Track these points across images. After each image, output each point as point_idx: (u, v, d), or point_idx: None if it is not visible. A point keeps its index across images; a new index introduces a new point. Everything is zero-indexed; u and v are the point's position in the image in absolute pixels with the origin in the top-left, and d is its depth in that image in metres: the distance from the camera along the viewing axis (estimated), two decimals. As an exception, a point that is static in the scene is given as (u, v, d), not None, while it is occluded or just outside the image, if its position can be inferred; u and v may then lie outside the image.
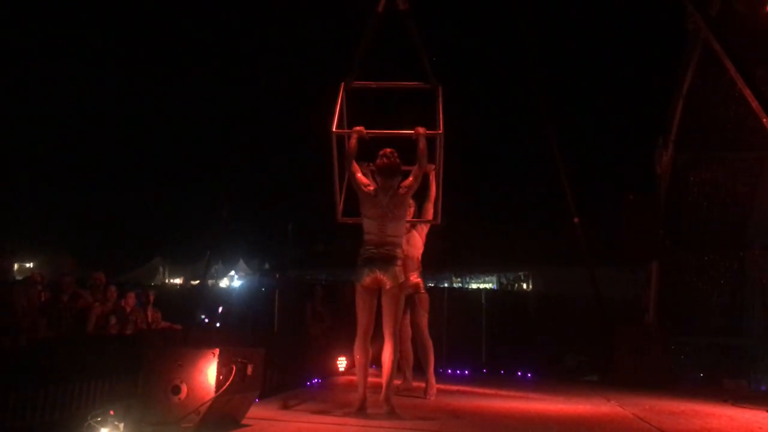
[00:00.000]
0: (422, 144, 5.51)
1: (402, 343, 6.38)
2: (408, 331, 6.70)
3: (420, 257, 6.69)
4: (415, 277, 6.60)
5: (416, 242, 6.65)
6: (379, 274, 5.36)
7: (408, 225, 6.23)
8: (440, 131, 5.67)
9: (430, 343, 6.72)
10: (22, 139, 25.90)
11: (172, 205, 30.03)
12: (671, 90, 9.65)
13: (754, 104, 5.99)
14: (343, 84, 5.92)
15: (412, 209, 6.26)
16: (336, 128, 5.59)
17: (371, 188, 5.47)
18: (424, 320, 6.69)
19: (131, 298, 9.02)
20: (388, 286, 5.38)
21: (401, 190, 5.43)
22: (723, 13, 7.75)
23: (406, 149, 5.57)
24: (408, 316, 6.57)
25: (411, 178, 5.49)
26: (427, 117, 5.89)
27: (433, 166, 5.91)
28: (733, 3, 7.72)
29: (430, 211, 6.27)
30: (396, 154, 5.44)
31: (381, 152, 5.46)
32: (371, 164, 5.70)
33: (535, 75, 10.55)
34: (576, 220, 10.33)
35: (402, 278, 5.42)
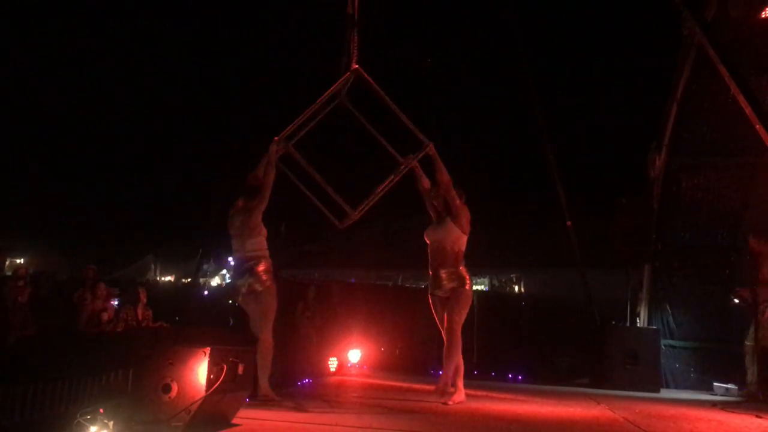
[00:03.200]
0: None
1: None
2: None
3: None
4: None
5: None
6: None
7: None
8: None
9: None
10: (11, 136, 25.77)
11: (164, 203, 29.94)
12: (665, 95, 9.68)
13: (747, 110, 6.01)
14: (351, 71, 6.07)
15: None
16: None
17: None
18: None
19: (103, 289, 8.88)
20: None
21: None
22: (718, 19, 7.78)
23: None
24: None
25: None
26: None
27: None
28: (728, 9, 7.75)
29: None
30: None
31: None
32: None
33: (528, 78, 10.57)
34: (569, 223, 10.36)
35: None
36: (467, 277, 6.41)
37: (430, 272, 6.43)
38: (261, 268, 5.95)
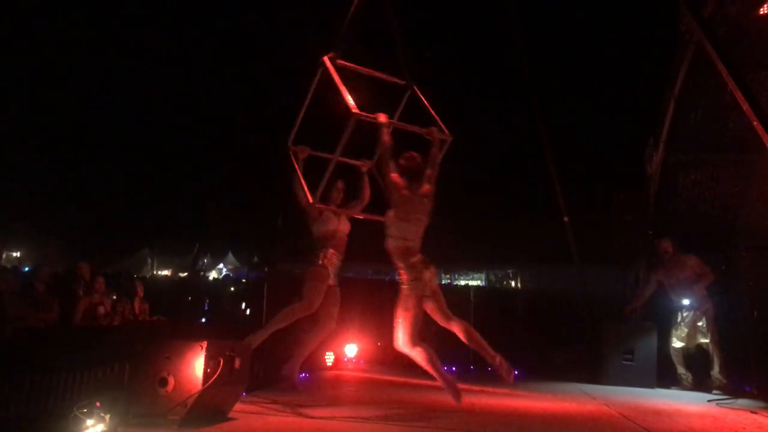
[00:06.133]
0: (436, 147, 5.45)
1: None
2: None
3: None
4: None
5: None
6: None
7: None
8: (449, 137, 5.65)
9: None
10: (9, 130, 25.70)
11: (161, 197, 29.87)
12: (663, 91, 9.67)
13: (745, 106, 6.01)
14: (331, 55, 5.87)
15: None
16: (357, 109, 5.23)
17: (406, 192, 5.26)
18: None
19: (100, 283, 8.88)
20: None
21: (426, 199, 5.29)
22: (716, 15, 7.77)
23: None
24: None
25: (428, 185, 5.32)
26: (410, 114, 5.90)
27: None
28: (726, 5, 7.74)
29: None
30: (419, 158, 5.35)
31: (407, 155, 5.34)
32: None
33: (526, 73, 10.57)
34: (566, 218, 10.36)
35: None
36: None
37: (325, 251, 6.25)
38: None
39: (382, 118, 5.39)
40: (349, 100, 5.24)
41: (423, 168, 5.33)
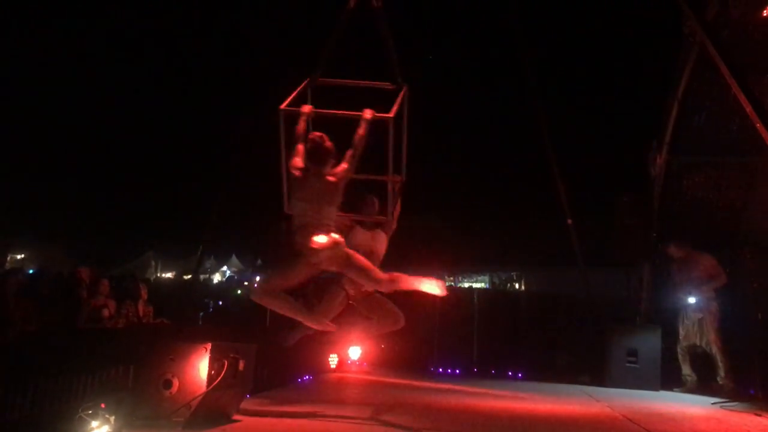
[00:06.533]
0: (361, 129, 5.24)
1: None
2: None
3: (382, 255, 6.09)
4: None
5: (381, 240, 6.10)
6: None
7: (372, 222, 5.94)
8: (391, 115, 5.40)
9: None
10: (12, 132, 25.76)
11: (165, 199, 29.90)
12: (666, 93, 9.67)
13: (748, 109, 6.01)
14: (308, 80, 5.87)
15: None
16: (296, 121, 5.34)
17: (299, 173, 5.16)
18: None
19: (105, 286, 8.89)
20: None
21: (330, 177, 5.08)
22: (719, 17, 7.77)
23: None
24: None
25: (344, 165, 5.13)
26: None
27: (399, 179, 5.75)
28: (730, 8, 7.74)
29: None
30: (325, 138, 5.17)
31: (309, 135, 5.25)
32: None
33: (529, 76, 10.57)
34: (569, 221, 10.36)
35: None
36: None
37: None
38: None
39: (305, 108, 5.47)
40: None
41: (327, 149, 5.14)
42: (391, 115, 5.43)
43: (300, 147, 5.23)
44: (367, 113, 5.29)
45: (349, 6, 5.84)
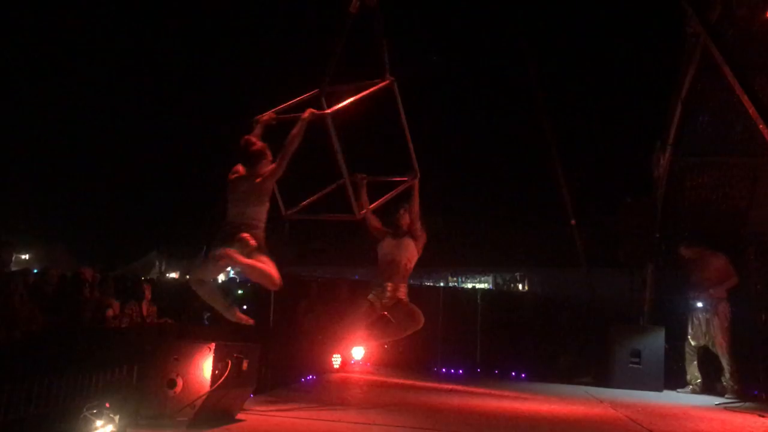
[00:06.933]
0: (295, 128, 5.21)
1: None
2: None
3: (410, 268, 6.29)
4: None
5: (406, 247, 6.26)
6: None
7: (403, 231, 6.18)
8: (328, 112, 5.36)
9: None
10: (18, 132, 25.84)
11: (169, 199, 29.94)
12: (670, 94, 9.66)
13: (752, 110, 6.01)
14: (317, 90, 5.92)
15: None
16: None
17: (231, 176, 5.28)
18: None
19: (109, 286, 8.93)
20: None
21: (256, 179, 5.12)
22: (723, 18, 7.76)
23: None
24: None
25: (271, 165, 5.17)
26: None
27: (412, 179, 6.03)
28: (733, 8, 7.73)
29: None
30: (252, 141, 5.25)
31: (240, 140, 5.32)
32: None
33: (533, 78, 10.59)
34: (573, 222, 10.37)
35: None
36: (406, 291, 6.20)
37: (379, 282, 6.17)
38: None
39: (266, 116, 5.58)
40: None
41: (253, 152, 5.20)
42: (328, 111, 5.39)
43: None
44: (306, 113, 5.27)
45: (351, 12, 5.86)
